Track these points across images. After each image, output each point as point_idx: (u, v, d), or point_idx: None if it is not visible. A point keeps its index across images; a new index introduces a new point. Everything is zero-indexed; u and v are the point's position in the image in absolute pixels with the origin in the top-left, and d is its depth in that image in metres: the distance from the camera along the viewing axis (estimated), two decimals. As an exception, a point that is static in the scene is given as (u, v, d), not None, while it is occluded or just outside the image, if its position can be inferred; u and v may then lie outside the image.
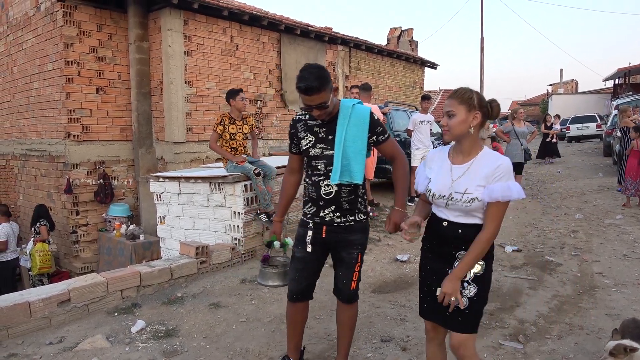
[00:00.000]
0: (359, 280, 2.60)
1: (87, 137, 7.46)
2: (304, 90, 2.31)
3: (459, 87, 2.08)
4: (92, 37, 7.44)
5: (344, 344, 2.70)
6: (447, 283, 1.98)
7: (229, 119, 5.16)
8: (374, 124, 2.49)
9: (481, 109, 2.02)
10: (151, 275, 4.17)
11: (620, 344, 2.35)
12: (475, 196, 1.96)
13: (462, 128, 2.01)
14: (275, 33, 9.33)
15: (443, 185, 2.05)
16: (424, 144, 7.73)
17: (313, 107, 2.37)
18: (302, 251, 2.59)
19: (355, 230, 2.53)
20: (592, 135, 20.91)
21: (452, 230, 2.04)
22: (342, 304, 2.64)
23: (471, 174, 2.00)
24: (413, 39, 16.19)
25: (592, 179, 10.71)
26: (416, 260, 5.21)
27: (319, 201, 2.50)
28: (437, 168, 2.13)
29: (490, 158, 2.01)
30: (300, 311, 2.71)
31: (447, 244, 2.07)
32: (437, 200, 2.08)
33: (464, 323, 2.03)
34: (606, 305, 3.81)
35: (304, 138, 2.53)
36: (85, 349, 3.12)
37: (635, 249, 5.41)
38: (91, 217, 7.60)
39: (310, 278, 2.64)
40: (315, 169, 2.50)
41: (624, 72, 25.62)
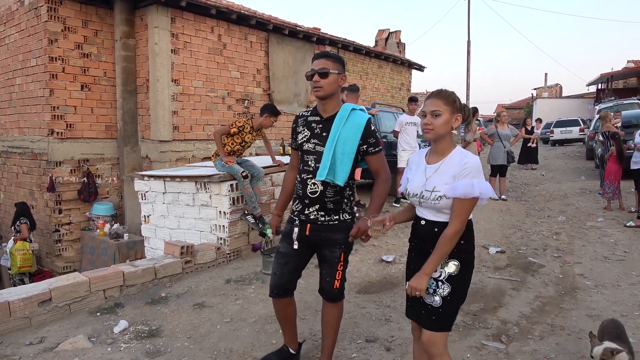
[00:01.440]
0: (343, 280, 2.60)
1: (71, 135, 7.36)
2: (316, 56, 2.50)
3: (441, 88, 2.12)
4: (78, 33, 7.34)
5: (328, 344, 2.71)
6: (415, 278, 2.03)
7: (250, 128, 5.11)
8: (369, 134, 2.51)
9: (461, 112, 2.09)
10: (135, 275, 4.13)
11: (607, 349, 2.38)
12: (442, 194, 2.01)
13: (446, 128, 2.06)
14: (263, 33, 9.31)
15: (417, 184, 2.13)
16: (411, 146, 7.78)
17: (315, 72, 2.44)
18: (286, 247, 2.62)
19: (339, 229, 2.54)
20: (575, 139, 21.24)
21: (429, 229, 2.10)
22: (326, 302, 2.66)
23: (441, 173, 2.05)
24: (401, 41, 16.29)
25: (574, 182, 10.88)
26: (401, 261, 5.24)
27: (305, 199, 2.53)
28: (415, 169, 2.21)
29: (459, 157, 2.05)
30: (286, 307, 2.74)
31: (426, 242, 2.12)
32: (412, 199, 2.16)
33: (436, 321, 2.07)
34: (587, 306, 3.87)
35: (300, 132, 2.59)
36: (66, 350, 3.08)
37: (616, 251, 5.51)
38: (74, 216, 7.50)
39: (291, 274, 2.66)
40: (306, 164, 2.53)
41: (606, 77, 26.05)
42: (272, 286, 2.68)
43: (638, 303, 3.87)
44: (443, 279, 2.05)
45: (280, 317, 2.77)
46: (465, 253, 2.08)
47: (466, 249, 2.09)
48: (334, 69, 2.47)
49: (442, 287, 2.05)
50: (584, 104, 29.06)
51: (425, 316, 2.09)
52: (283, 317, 2.77)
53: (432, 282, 2.07)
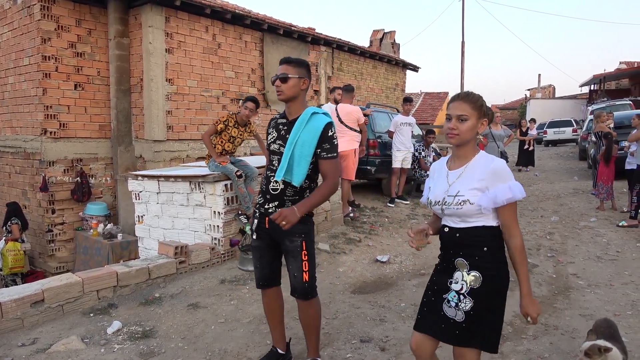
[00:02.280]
0: (312, 273, 2.62)
1: (64, 134, 7.31)
2: (279, 62, 2.62)
3: (469, 91, 2.02)
4: (71, 32, 7.30)
5: (312, 343, 2.78)
6: (528, 306, 1.95)
7: (234, 122, 5.10)
8: (325, 139, 2.53)
9: (487, 117, 2.01)
10: (128, 275, 4.11)
11: (594, 345, 2.39)
12: (466, 199, 1.91)
13: (472, 134, 1.96)
14: (258, 32, 9.29)
15: (439, 191, 2.03)
16: (405, 146, 7.80)
17: (277, 77, 2.56)
18: (255, 241, 2.74)
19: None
20: (568, 139, 21.40)
21: (451, 235, 2.01)
22: (300, 302, 2.67)
23: (465, 178, 1.97)
24: (395, 41, 16.32)
25: (567, 182, 10.95)
26: (396, 261, 5.26)
27: (267, 194, 2.64)
28: (437, 177, 2.11)
29: (485, 161, 1.96)
30: (273, 298, 2.80)
31: (448, 251, 2.02)
32: (434, 208, 2.06)
33: (460, 336, 1.93)
34: (580, 305, 3.90)
35: (270, 133, 2.72)
36: (59, 351, 3.06)
37: (608, 250, 5.55)
38: (67, 216, 7.45)
39: (270, 264, 2.75)
40: (271, 163, 2.66)
41: (599, 78, 26.25)
42: (257, 278, 2.81)
43: (630, 302, 3.90)
44: (465, 292, 1.92)
45: (267, 309, 2.83)
46: (491, 263, 1.93)
47: (492, 259, 1.94)
48: (295, 73, 2.56)
49: (464, 301, 1.91)
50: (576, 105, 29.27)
51: (447, 330, 1.95)
52: (270, 310, 2.82)
53: (453, 295, 1.94)
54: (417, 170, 8.62)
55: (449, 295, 1.96)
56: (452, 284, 1.97)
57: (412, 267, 5.09)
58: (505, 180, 1.90)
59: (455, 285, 1.95)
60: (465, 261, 1.95)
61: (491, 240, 1.95)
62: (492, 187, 1.90)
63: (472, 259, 1.94)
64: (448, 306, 1.95)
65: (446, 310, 1.96)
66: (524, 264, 1.92)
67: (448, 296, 1.97)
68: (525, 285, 1.93)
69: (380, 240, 5.86)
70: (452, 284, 1.97)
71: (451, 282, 1.98)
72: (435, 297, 2.03)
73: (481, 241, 1.95)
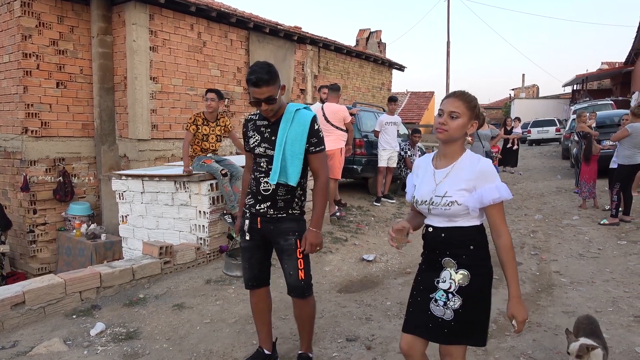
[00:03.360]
0: (307, 270, 2.62)
1: (46, 133, 7.19)
2: (254, 83, 2.40)
3: (464, 90, 2.01)
4: (53, 29, 7.18)
5: (306, 339, 2.79)
6: (514, 308, 1.87)
7: (202, 120, 5.07)
8: (312, 132, 2.54)
9: (478, 119, 2.00)
10: (112, 276, 4.05)
11: (583, 345, 2.43)
12: (454, 199, 1.91)
13: (460, 132, 1.96)
14: (243, 31, 9.25)
15: (426, 191, 2.01)
16: (391, 145, 7.84)
17: (261, 101, 2.45)
18: (245, 241, 2.71)
19: (288, 220, 2.62)
20: (552, 138, 21.71)
21: (436, 235, 1.99)
22: (296, 300, 2.66)
23: (452, 178, 1.95)
24: (381, 40, 16.39)
25: (551, 181, 11.11)
26: (382, 260, 5.28)
27: (258, 195, 2.61)
28: (422, 174, 2.09)
29: (472, 161, 1.96)
30: (261, 299, 2.80)
31: (434, 251, 2.01)
32: (421, 207, 2.03)
33: (449, 335, 1.93)
34: (563, 302, 3.95)
35: (251, 137, 2.65)
36: (40, 353, 3.00)
37: (590, 248, 5.64)
38: (50, 216, 7.33)
39: (260, 264, 2.75)
40: (259, 165, 2.62)
41: (581, 78, 26.68)
42: (246, 279, 2.78)
43: (611, 299, 3.97)
44: (453, 291, 1.91)
45: (255, 309, 2.81)
46: (478, 261, 1.95)
47: (478, 257, 1.95)
48: (275, 90, 2.45)
49: (453, 300, 1.91)
50: (560, 105, 29.70)
51: (435, 329, 1.94)
52: (258, 311, 2.81)
53: (441, 294, 1.94)
54: (403, 169, 8.66)
55: (437, 294, 1.95)
56: (440, 283, 1.96)
57: (398, 266, 5.11)
58: (492, 180, 1.90)
59: (443, 284, 1.95)
60: (453, 260, 1.95)
61: (476, 238, 1.96)
62: (479, 188, 1.90)
63: (460, 258, 1.94)
64: (436, 305, 1.95)
65: (434, 309, 1.95)
66: (513, 265, 1.90)
67: (435, 295, 1.96)
68: (514, 287, 1.89)
69: (367, 239, 5.88)
70: (439, 283, 1.96)
71: (438, 281, 1.97)
72: (421, 297, 2.02)
73: (467, 240, 1.95)
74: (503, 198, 1.89)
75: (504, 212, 1.93)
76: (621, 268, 4.83)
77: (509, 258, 1.90)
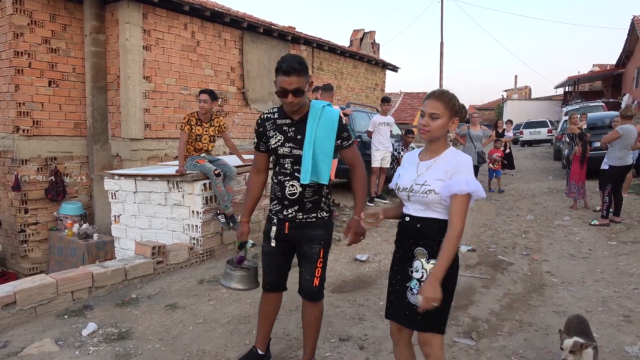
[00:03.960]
0: (322, 278, 2.63)
1: (37, 132, 7.14)
2: (284, 71, 2.32)
3: (443, 90, 2.10)
4: (45, 27, 7.13)
5: (310, 343, 2.74)
6: (428, 287, 1.93)
7: (196, 120, 5.06)
8: (342, 128, 2.54)
9: (458, 115, 2.10)
10: (104, 276, 4.04)
11: (577, 342, 2.47)
12: (432, 188, 2.02)
13: (442, 131, 2.08)
14: (237, 30, 9.23)
15: (408, 179, 2.14)
16: (384, 146, 7.86)
17: (289, 92, 2.35)
18: (268, 246, 2.66)
19: (317, 226, 2.57)
20: (544, 139, 21.85)
21: (412, 225, 2.10)
22: (307, 302, 2.66)
23: (433, 169, 2.08)
24: (375, 41, 16.43)
25: (542, 182, 11.18)
26: (375, 260, 5.29)
27: (284, 200, 2.54)
28: (407, 166, 2.23)
29: (452, 155, 2.09)
30: (272, 301, 2.77)
31: (408, 239, 2.12)
32: (401, 194, 2.16)
33: (422, 322, 2.04)
34: (554, 302, 3.99)
35: (272, 137, 2.54)
36: (32, 354, 2.99)
37: (581, 248, 5.68)
38: (41, 216, 7.28)
39: (280, 271, 2.71)
40: (283, 167, 2.54)
41: (573, 80, 26.90)
42: (266, 282, 2.73)
43: (601, 299, 4.01)
44: (425, 280, 2.03)
45: (264, 312, 2.78)
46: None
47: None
48: (305, 82, 2.39)
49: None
50: (551, 106, 29.92)
51: (410, 317, 2.06)
52: (265, 312, 2.78)
53: (415, 283, 2.06)
54: (396, 169, 8.69)
55: (411, 283, 2.08)
56: (413, 273, 2.08)
57: (391, 266, 5.12)
58: (464, 173, 2.00)
59: (416, 273, 2.07)
60: (425, 250, 2.06)
61: None
62: (451, 178, 2.01)
63: (431, 249, 2.04)
64: (411, 293, 2.07)
65: (409, 297, 2.07)
66: (447, 254, 1.95)
67: (410, 284, 2.08)
68: (437, 269, 1.95)
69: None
70: (412, 272, 2.08)
71: (412, 270, 2.08)
72: (399, 286, 2.14)
73: (440, 232, 2.03)
74: (469, 191, 1.98)
75: (465, 207, 2.00)
76: (611, 268, 4.88)
77: (448, 246, 1.96)
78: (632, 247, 5.57)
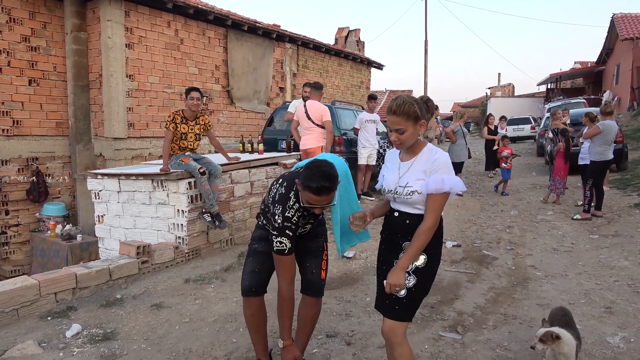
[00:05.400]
0: (327, 270, 2.68)
1: (18, 132, 7.01)
2: (316, 190, 2.16)
3: (399, 101, 2.10)
4: (24, 25, 7.00)
5: (303, 341, 2.71)
6: (392, 274, 2.07)
7: (182, 118, 5.02)
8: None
9: (424, 116, 2.13)
10: (88, 277, 3.98)
11: (548, 332, 2.50)
12: (414, 189, 2.09)
13: (413, 139, 2.14)
14: (221, 28, 9.18)
15: (391, 181, 2.21)
16: (370, 143, 7.88)
17: (317, 207, 2.26)
18: (264, 246, 2.57)
19: (318, 224, 2.66)
20: (527, 136, 22.11)
21: (401, 220, 2.17)
22: (309, 299, 2.64)
23: (413, 169, 2.14)
24: (360, 39, 16.44)
25: (526, 178, 11.32)
26: (362, 256, 5.30)
27: None
28: (390, 166, 2.29)
29: (429, 154, 2.14)
30: (259, 310, 2.66)
31: (396, 234, 2.19)
32: (387, 195, 2.24)
33: (399, 311, 2.13)
34: (537, 295, 4.04)
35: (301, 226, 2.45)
36: (14, 357, 2.94)
37: (564, 242, 5.77)
38: (23, 217, 7.16)
39: (268, 273, 2.65)
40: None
41: (555, 77, 27.27)
42: (249, 285, 2.60)
43: (584, 291, 4.07)
44: (410, 271, 2.10)
45: (254, 322, 2.65)
46: (434, 247, 2.15)
47: (435, 243, 2.14)
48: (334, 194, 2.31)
49: (408, 279, 2.10)
50: (534, 103, 30.27)
51: (389, 306, 2.14)
52: (257, 323, 2.66)
53: None
54: (382, 166, 8.73)
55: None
56: None
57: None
58: (441, 172, 2.06)
59: None
60: None
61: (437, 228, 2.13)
62: (429, 176, 2.08)
63: None
64: None
65: None
66: (417, 245, 2.05)
67: None
68: (404, 259, 2.07)
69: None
70: None
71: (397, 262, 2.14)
72: (383, 277, 2.19)
73: None
74: (446, 190, 2.04)
75: (440, 204, 2.07)
76: (593, 261, 4.97)
77: (418, 238, 2.05)
78: (613, 240, 5.68)
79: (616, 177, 9.29)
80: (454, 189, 2.06)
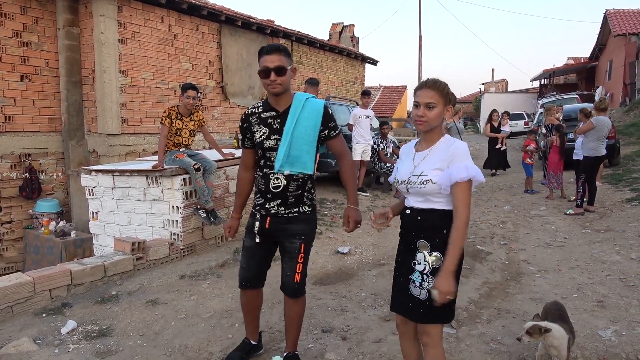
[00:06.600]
0: (304, 274, 2.60)
1: (10, 128, 6.95)
2: (266, 50, 2.40)
3: (436, 79, 2.07)
4: (16, 20, 6.93)
5: (292, 337, 2.73)
6: (441, 281, 1.91)
7: (176, 114, 5.00)
8: (328, 118, 2.53)
9: (452, 103, 2.09)
10: (83, 273, 3.98)
11: (536, 325, 2.54)
12: (429, 178, 2.01)
13: (439, 120, 2.06)
14: (215, 24, 9.13)
15: (405, 171, 2.13)
16: (365, 139, 7.89)
17: (271, 70, 2.37)
18: (250, 241, 2.63)
19: (298, 220, 2.55)
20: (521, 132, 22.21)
21: (413, 217, 2.10)
22: (288, 299, 2.64)
23: (429, 159, 2.07)
24: (354, 35, 16.43)
25: (519, 173, 11.35)
26: (357, 252, 5.33)
27: (267, 194, 2.52)
28: (404, 158, 2.22)
29: (447, 143, 2.07)
30: (252, 299, 2.76)
31: (409, 232, 2.12)
32: (400, 187, 2.16)
33: (425, 314, 2.03)
34: (531, 290, 4.08)
35: (257, 130, 2.52)
36: (9, 353, 2.93)
37: (557, 237, 5.83)
38: (16, 214, 7.11)
39: (258, 267, 2.68)
40: (268, 160, 2.51)
41: (549, 73, 27.39)
42: (241, 278, 2.70)
43: (576, 286, 4.12)
44: (427, 272, 2.01)
45: (246, 308, 2.78)
46: (446, 244, 2.01)
47: (445, 239, 2.02)
48: (287, 63, 2.43)
49: (427, 280, 2.01)
50: (528, 99, 30.39)
51: (413, 309, 2.06)
52: (248, 309, 2.77)
53: (417, 275, 2.04)
54: (376, 162, 8.74)
55: (414, 275, 2.06)
56: (416, 265, 2.07)
57: (372, 258, 5.17)
58: (462, 160, 1.98)
59: (419, 266, 2.05)
60: (427, 243, 2.05)
61: (450, 222, 2.01)
62: (450, 166, 1.99)
63: (434, 241, 2.03)
64: (413, 286, 2.06)
65: (412, 289, 2.06)
66: (457, 244, 1.94)
67: (413, 276, 2.07)
68: (449, 261, 1.93)
69: (341, 232, 5.92)
70: (415, 264, 2.07)
71: (414, 263, 2.07)
72: (402, 278, 2.13)
73: (441, 224, 2.03)
74: (470, 177, 1.97)
75: (468, 194, 1.99)
76: (585, 256, 5.02)
77: (456, 236, 1.95)
78: (605, 235, 5.73)
79: (608, 173, 9.37)
80: (476, 178, 1.97)
